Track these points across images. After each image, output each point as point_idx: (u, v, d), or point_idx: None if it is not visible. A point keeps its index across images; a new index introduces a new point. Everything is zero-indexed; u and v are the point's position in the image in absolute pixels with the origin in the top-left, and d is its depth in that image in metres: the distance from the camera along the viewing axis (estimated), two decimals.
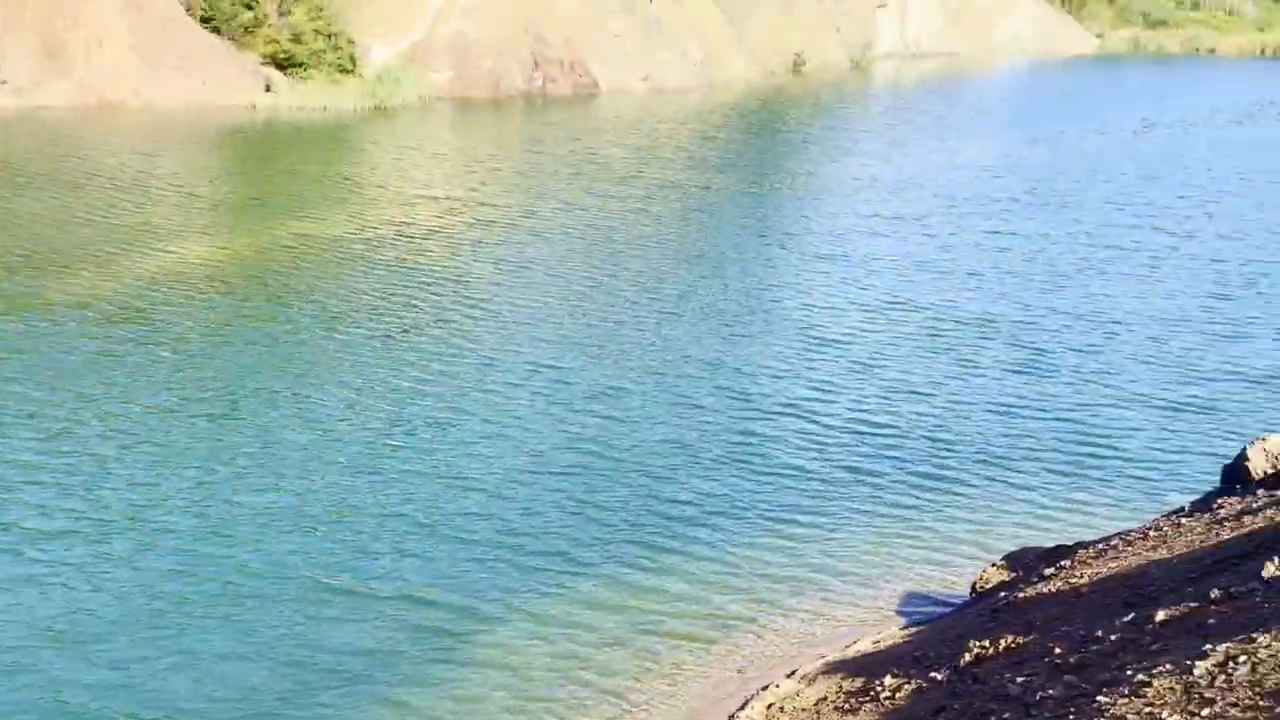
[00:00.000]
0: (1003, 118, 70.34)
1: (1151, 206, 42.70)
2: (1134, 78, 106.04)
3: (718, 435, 20.03)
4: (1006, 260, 33.96)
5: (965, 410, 21.73)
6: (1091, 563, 12.12)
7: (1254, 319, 28.45)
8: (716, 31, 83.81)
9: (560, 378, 22.49)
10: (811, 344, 25.47)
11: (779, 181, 47.11)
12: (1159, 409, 22.09)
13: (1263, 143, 62.90)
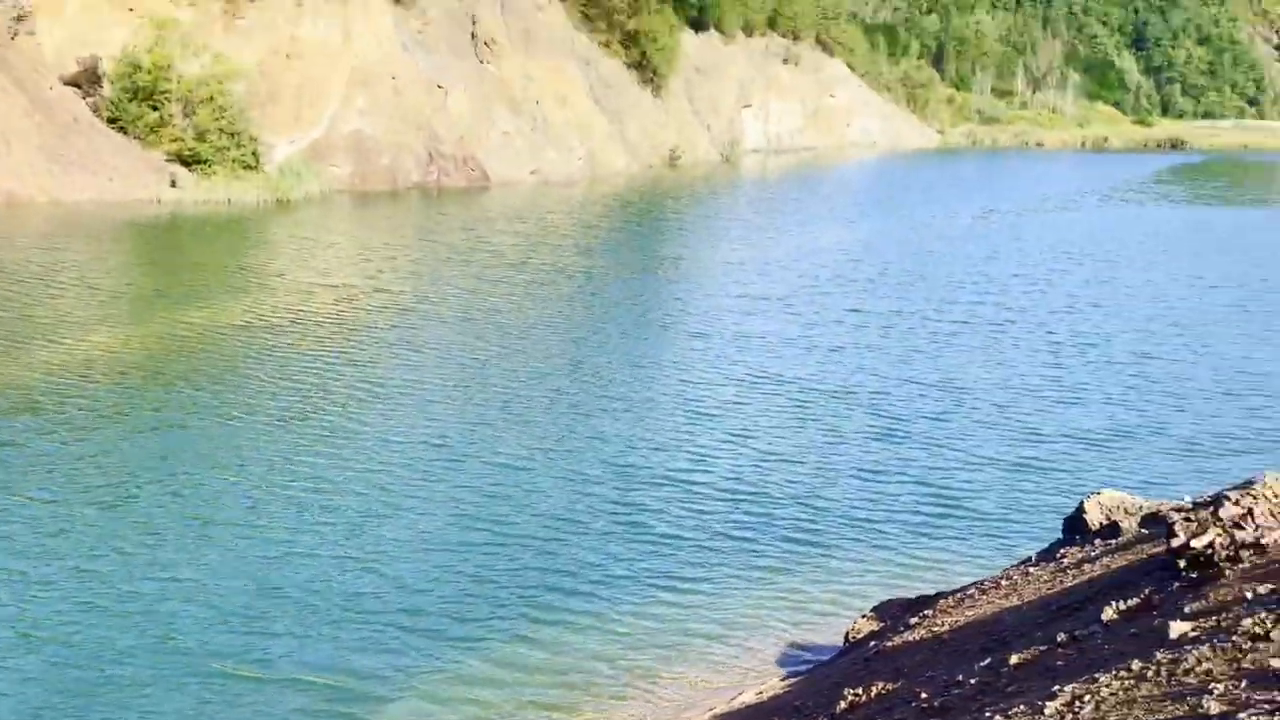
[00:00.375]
0: (857, 205, 72.54)
1: (992, 284, 44.19)
2: (972, 168, 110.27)
3: (603, 507, 19.90)
4: (865, 335, 34.63)
5: (832, 475, 21.98)
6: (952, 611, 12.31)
7: (1085, 385, 29.46)
8: (599, 129, 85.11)
9: (453, 456, 22.11)
10: (690, 417, 25.53)
11: (658, 265, 47.70)
12: (1005, 469, 22.67)
13: (1086, 225, 65.88)
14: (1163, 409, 27.49)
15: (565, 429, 24.26)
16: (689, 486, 21.08)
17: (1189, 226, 67.80)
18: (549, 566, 17.37)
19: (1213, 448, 24.35)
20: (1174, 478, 21.31)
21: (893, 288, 42.77)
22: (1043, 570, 12.57)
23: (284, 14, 65.08)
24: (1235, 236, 63.85)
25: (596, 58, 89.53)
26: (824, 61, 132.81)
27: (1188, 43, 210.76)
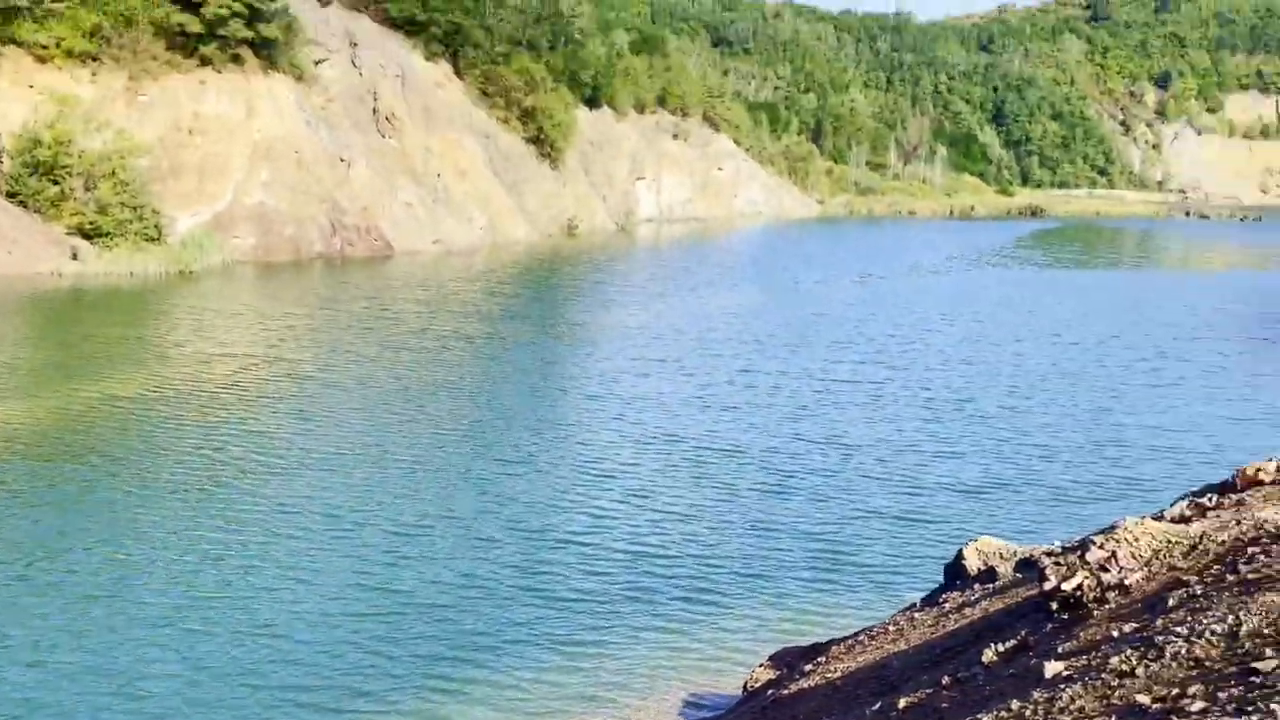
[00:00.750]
0: (746, 271, 73.67)
1: (872, 344, 45.13)
2: (851, 236, 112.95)
3: (504, 570, 19.55)
4: (755, 395, 34.90)
5: (726, 532, 22.00)
6: (844, 657, 12.37)
7: (961, 438, 30.14)
8: (498, 200, 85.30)
9: (352, 524, 21.53)
10: (588, 478, 25.35)
11: (556, 330, 47.68)
12: (890, 520, 23.00)
13: (956, 288, 67.87)
14: (1032, 459, 28.25)
15: (465, 493, 23.86)
16: (588, 547, 20.88)
17: (1049, 287, 70.34)
18: (449, 632, 16.98)
19: (1079, 494, 25.09)
20: (1045, 524, 21.84)
21: (780, 348, 43.34)
22: (927, 615, 12.74)
23: (187, 91, 64.17)
24: (1090, 295, 66.40)
25: (496, 132, 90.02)
26: (711, 137, 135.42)
27: (1043, 119, 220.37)
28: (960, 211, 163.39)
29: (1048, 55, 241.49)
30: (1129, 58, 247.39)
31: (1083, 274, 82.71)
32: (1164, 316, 56.77)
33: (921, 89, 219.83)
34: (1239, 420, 33.72)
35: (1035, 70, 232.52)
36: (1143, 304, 62.63)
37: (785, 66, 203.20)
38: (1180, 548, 8.25)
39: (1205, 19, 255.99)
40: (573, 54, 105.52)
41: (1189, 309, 59.88)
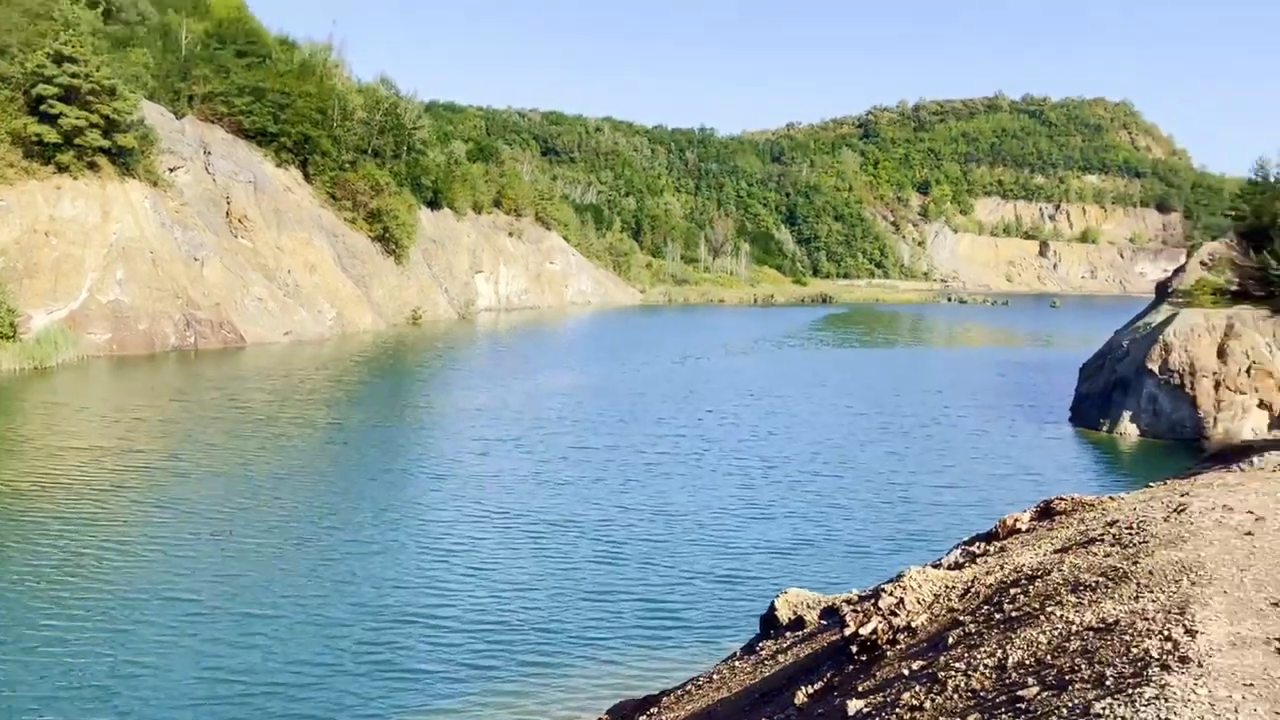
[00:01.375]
0: (577, 355, 73.79)
1: (692, 418, 45.74)
2: (669, 322, 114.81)
3: (352, 648, 18.64)
4: (587, 469, 34.65)
5: (563, 600, 21.65)
6: (674, 707, 12.34)
7: (772, 501, 30.77)
8: (347, 293, 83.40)
9: (201, 610, 20.18)
10: (432, 555, 24.53)
11: (401, 414, 46.44)
12: (712, 580, 23.18)
13: (762, 366, 69.70)
14: (833, 518, 29.08)
15: (312, 575, 22.68)
16: (433, 621, 20.13)
17: (839, 364, 73.10)
18: (299, 712, 16.13)
19: (874, 547, 25.94)
20: (846, 575, 22.45)
21: (610, 425, 43.40)
22: (745, 663, 12.87)
23: (43, 195, 60.70)
24: (874, 370, 69.37)
25: (344, 231, 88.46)
26: (543, 234, 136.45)
27: (828, 220, 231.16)
28: (763, 299, 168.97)
29: (829, 166, 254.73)
30: (896, 169, 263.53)
31: (867, 352, 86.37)
32: (936, 387, 59.74)
33: (725, 194, 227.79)
34: (1002, 476, 35.71)
35: (820, 178, 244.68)
36: (918, 377, 65.81)
37: (608, 173, 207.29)
38: (956, 591, 8.62)
39: (955, 138, 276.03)
40: (415, 162, 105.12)
41: (956, 381, 63.25)
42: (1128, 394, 45.82)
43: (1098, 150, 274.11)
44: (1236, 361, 43.50)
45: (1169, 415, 44.00)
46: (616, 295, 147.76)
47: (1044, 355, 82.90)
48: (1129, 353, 47.91)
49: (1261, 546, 7.02)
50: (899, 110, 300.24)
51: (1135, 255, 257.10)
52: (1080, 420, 48.00)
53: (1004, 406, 52.62)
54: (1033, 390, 58.70)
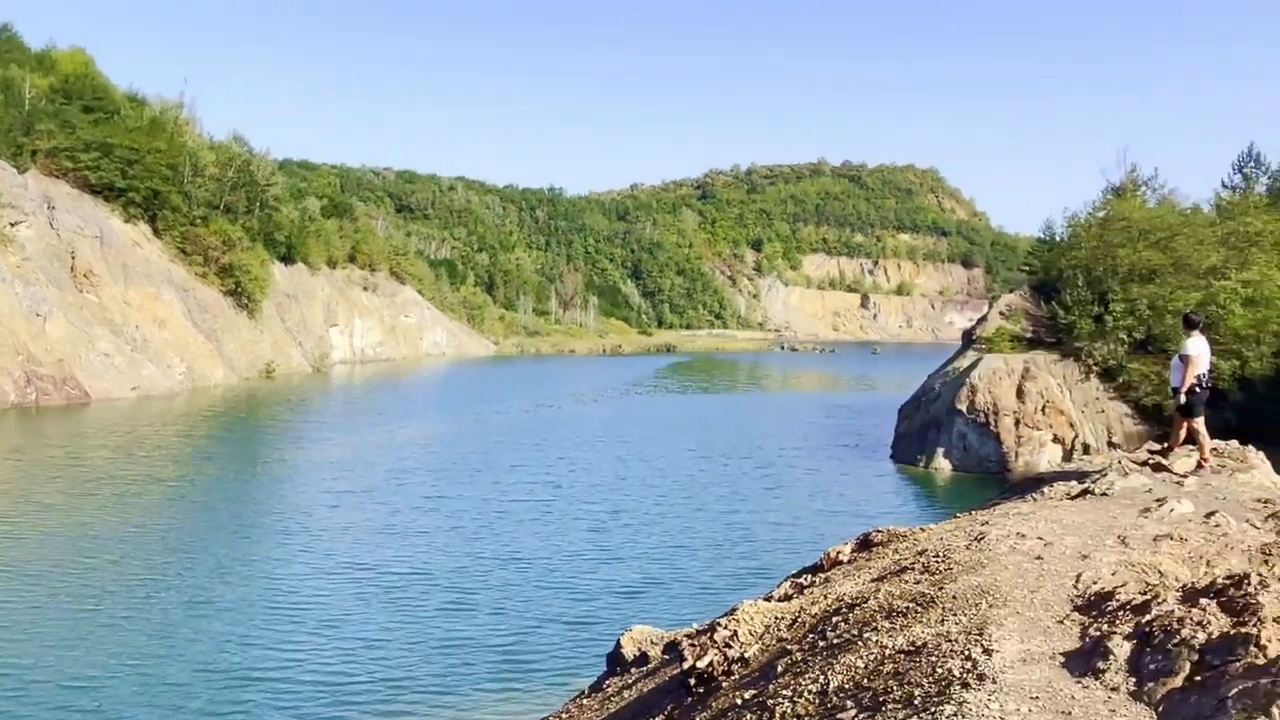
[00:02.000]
0: (431, 405, 72.34)
1: (541, 467, 45.22)
2: (522, 372, 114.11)
3: (193, 711, 17.48)
4: (440, 519, 33.64)
5: (416, 651, 20.82)
6: None
7: (622, 545, 30.65)
8: (197, 347, 79.47)
9: (29, 678, 18.54)
10: (280, 612, 23.22)
11: (252, 468, 44.12)
12: (563, 623, 22.82)
13: (610, 413, 69.99)
14: (678, 557, 29.23)
15: (152, 637, 21.12)
16: (280, 682, 19.02)
17: (683, 409, 74.14)
18: None
19: (716, 584, 26.18)
20: (692, 611, 22.53)
21: (463, 474, 42.49)
22: (593, 701, 12.72)
23: None
24: (714, 414, 70.63)
25: (194, 286, 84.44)
26: (398, 289, 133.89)
27: (671, 274, 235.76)
28: (611, 349, 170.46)
29: (671, 224, 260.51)
30: (731, 227, 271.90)
31: (708, 398, 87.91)
32: (772, 430, 61.26)
33: (574, 250, 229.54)
34: (832, 512, 36.78)
35: (662, 236, 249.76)
36: (755, 420, 67.35)
37: (461, 230, 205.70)
38: (785, 622, 8.76)
39: (784, 199, 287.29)
40: (268, 217, 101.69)
41: (790, 423, 65.04)
42: (941, 432, 48.11)
43: (910, 212, 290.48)
44: (1033, 401, 46.34)
45: (977, 451, 46.38)
46: (471, 347, 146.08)
47: (867, 398, 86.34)
48: (940, 395, 50.41)
49: (1049, 569, 7.42)
50: (733, 173, 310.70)
51: (945, 306, 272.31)
52: (900, 457, 50.06)
53: (833, 446, 54.36)
54: (858, 431, 60.95)
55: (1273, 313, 46.60)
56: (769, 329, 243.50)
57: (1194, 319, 13.23)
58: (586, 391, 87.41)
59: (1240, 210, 55.42)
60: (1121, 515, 9.70)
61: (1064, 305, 50.49)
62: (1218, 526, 9.27)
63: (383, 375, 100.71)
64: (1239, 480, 12.43)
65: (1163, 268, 49.50)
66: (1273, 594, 5.56)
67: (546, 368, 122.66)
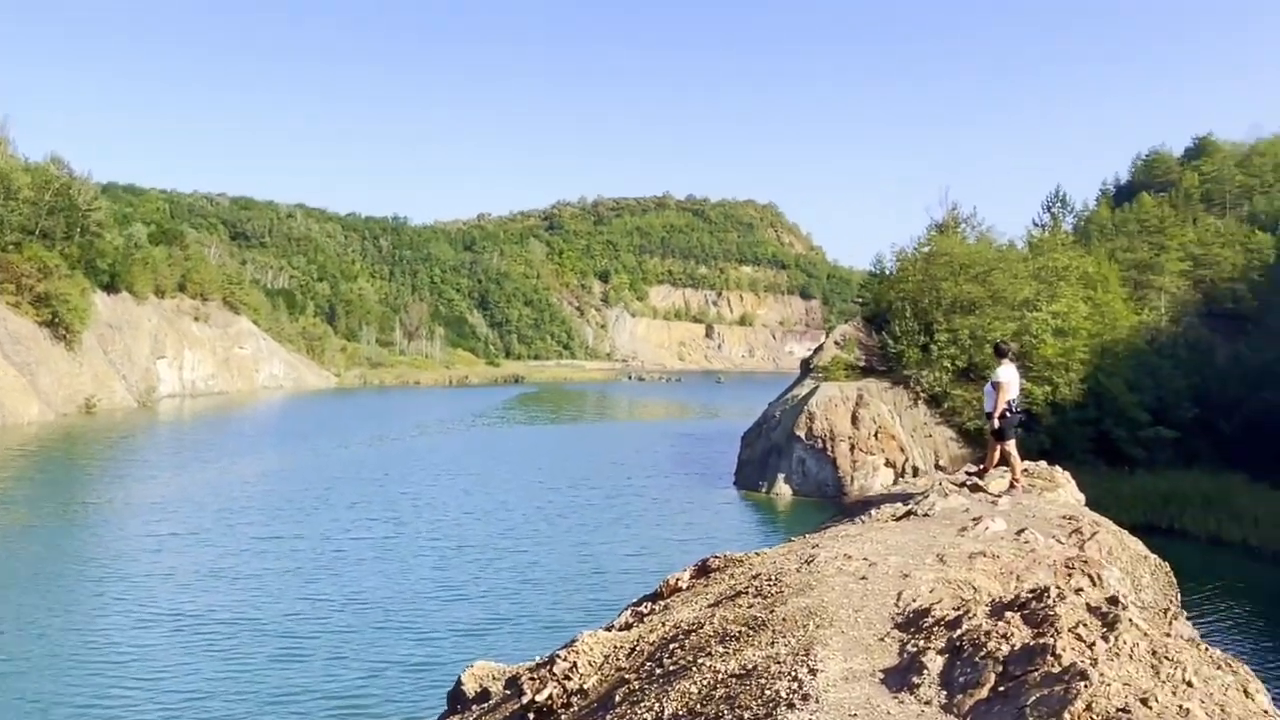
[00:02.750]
0: (267, 441, 69.18)
1: (383, 502, 43.72)
2: (365, 404, 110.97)
3: None
4: (273, 561, 31.97)
5: (245, 704, 19.65)
6: None
7: (467, 582, 29.90)
8: (9, 381, 73.50)
9: None
10: (94, 667, 21.49)
11: (65, 511, 40.48)
12: (405, 665, 22.05)
13: (457, 446, 68.74)
14: (525, 592, 28.84)
15: None
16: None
17: (531, 441, 73.65)
18: None
19: (564, 617, 25.94)
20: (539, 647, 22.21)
21: (300, 513, 40.59)
22: None
23: None
24: (563, 445, 70.45)
25: (5, 315, 78.22)
26: (232, 319, 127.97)
27: (518, 305, 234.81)
28: (457, 380, 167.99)
29: (518, 255, 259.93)
30: (579, 258, 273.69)
31: (556, 428, 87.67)
32: (619, 459, 61.58)
33: (419, 279, 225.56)
34: (679, 540, 37.17)
35: (510, 266, 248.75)
36: (603, 450, 67.52)
37: (300, 259, 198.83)
38: (624, 651, 8.77)
39: (630, 231, 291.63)
40: (89, 244, 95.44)
41: (637, 452, 65.55)
42: (781, 458, 49.52)
43: (751, 245, 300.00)
44: (866, 427, 48.34)
45: (815, 476, 47.95)
46: (310, 379, 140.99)
47: (712, 426, 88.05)
48: (781, 422, 51.95)
49: (872, 589, 7.71)
50: (580, 205, 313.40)
51: (785, 336, 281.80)
52: (743, 484, 51.21)
53: (679, 474, 55.10)
54: (703, 458, 61.99)
55: (1079, 342, 50.48)
56: (616, 359, 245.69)
57: (1004, 348, 14.10)
58: (432, 423, 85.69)
59: (1049, 247, 59.96)
60: (941, 534, 10.19)
61: (893, 335, 53.10)
62: (1027, 543, 9.86)
63: (215, 409, 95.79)
64: (1047, 499, 13.30)
65: (982, 300, 52.78)
66: (1069, 605, 5.94)
67: (391, 400, 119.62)
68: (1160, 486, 43.42)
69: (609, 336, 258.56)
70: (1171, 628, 6.41)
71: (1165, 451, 49.13)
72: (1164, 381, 53.11)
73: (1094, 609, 5.89)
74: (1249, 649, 26.25)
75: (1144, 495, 42.35)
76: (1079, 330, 51.10)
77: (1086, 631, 5.48)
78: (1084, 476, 30.96)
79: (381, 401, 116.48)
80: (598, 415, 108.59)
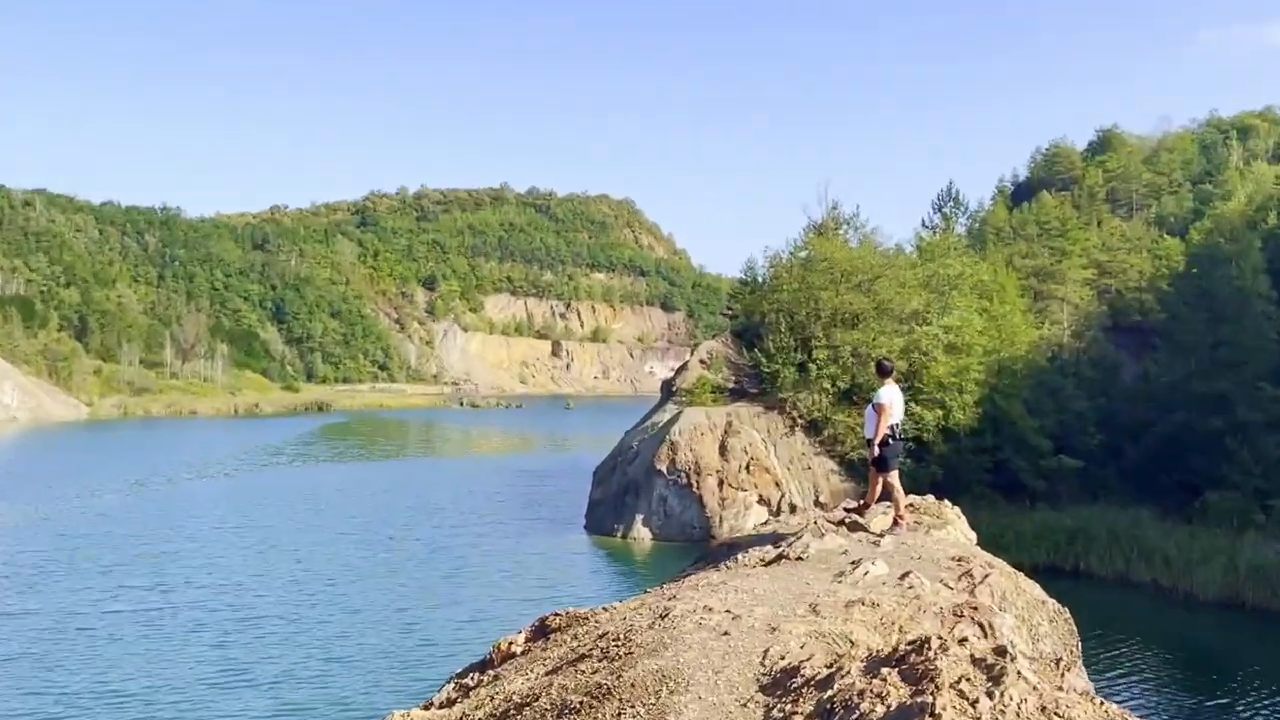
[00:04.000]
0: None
1: (145, 567, 41.43)
2: (125, 440, 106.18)
3: None
4: None
5: None
6: None
7: (252, 664, 28.69)
8: None
9: None
10: None
11: None
12: None
13: (241, 492, 66.31)
14: (331, 675, 28.04)
15: None
16: None
17: (338, 482, 71.80)
18: None
19: (380, 700, 25.36)
20: None
21: (34, 580, 38.22)
22: None
23: None
24: (378, 487, 69.00)
25: None
26: None
27: (323, 316, 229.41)
28: (246, 410, 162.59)
29: (323, 256, 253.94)
30: (398, 261, 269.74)
31: (370, 466, 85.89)
32: (449, 502, 60.86)
33: (197, 285, 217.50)
34: (519, 598, 36.99)
35: (312, 270, 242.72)
36: (429, 491, 66.54)
37: (40, 258, 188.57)
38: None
39: (461, 230, 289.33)
40: None
41: (471, 493, 64.95)
42: (639, 497, 50.05)
43: (604, 248, 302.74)
44: (737, 458, 49.44)
45: (679, 516, 48.68)
46: (54, 409, 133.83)
47: (559, 460, 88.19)
48: (639, 454, 52.53)
49: (736, 646, 7.88)
50: (400, 197, 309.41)
51: (644, 354, 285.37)
52: (595, 527, 51.48)
53: (521, 519, 54.92)
54: (549, 499, 61.97)
55: (974, 359, 53.01)
56: (445, 381, 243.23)
57: (886, 365, 14.68)
58: (211, 463, 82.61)
59: (940, 251, 62.81)
60: (815, 581, 10.52)
61: (767, 353, 54.59)
62: (911, 588, 10.30)
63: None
64: (935, 538, 13.91)
65: (866, 312, 54.92)
66: (952, 658, 6.23)
67: (159, 434, 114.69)
68: (1063, 523, 46.02)
69: (436, 355, 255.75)
70: (1065, 680, 6.79)
71: (1068, 483, 52.12)
72: (1067, 404, 56.41)
73: (979, 661, 6.19)
74: (1154, 701, 28.10)
75: (1045, 532, 44.81)
76: (974, 346, 53.72)
77: (970, 687, 5.76)
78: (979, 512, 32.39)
79: (148, 436, 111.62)
80: (422, 450, 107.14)
